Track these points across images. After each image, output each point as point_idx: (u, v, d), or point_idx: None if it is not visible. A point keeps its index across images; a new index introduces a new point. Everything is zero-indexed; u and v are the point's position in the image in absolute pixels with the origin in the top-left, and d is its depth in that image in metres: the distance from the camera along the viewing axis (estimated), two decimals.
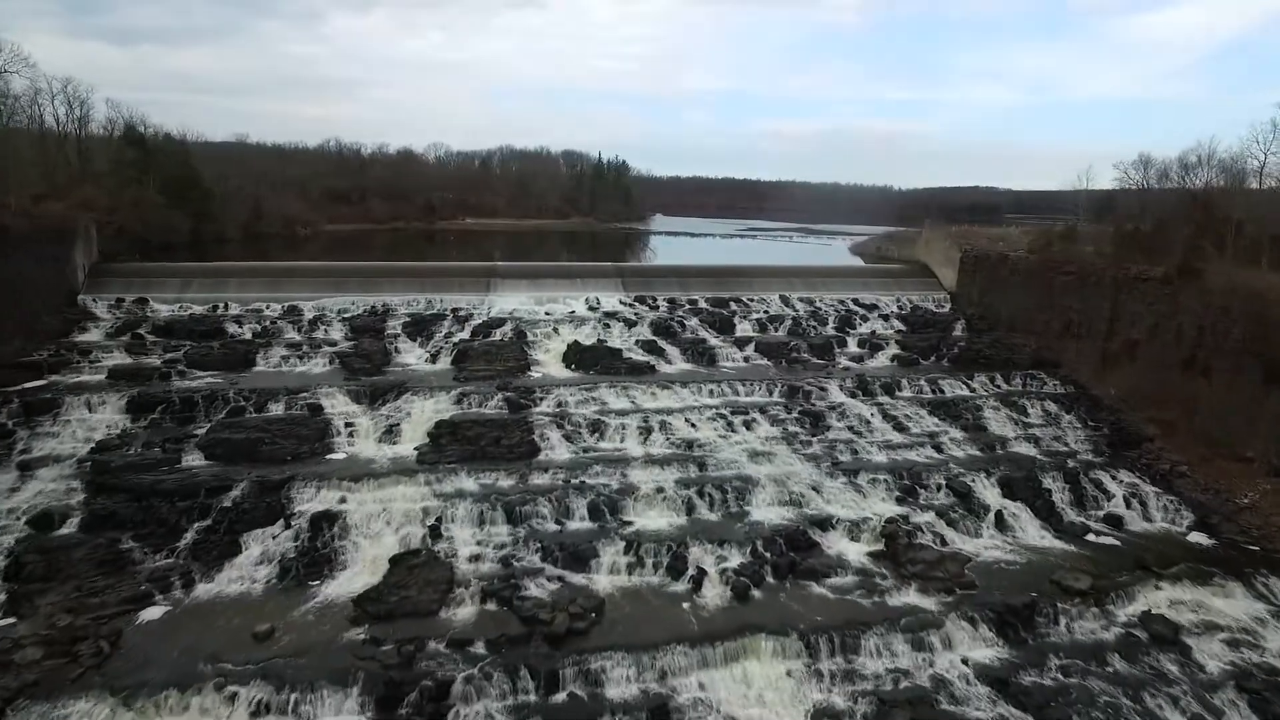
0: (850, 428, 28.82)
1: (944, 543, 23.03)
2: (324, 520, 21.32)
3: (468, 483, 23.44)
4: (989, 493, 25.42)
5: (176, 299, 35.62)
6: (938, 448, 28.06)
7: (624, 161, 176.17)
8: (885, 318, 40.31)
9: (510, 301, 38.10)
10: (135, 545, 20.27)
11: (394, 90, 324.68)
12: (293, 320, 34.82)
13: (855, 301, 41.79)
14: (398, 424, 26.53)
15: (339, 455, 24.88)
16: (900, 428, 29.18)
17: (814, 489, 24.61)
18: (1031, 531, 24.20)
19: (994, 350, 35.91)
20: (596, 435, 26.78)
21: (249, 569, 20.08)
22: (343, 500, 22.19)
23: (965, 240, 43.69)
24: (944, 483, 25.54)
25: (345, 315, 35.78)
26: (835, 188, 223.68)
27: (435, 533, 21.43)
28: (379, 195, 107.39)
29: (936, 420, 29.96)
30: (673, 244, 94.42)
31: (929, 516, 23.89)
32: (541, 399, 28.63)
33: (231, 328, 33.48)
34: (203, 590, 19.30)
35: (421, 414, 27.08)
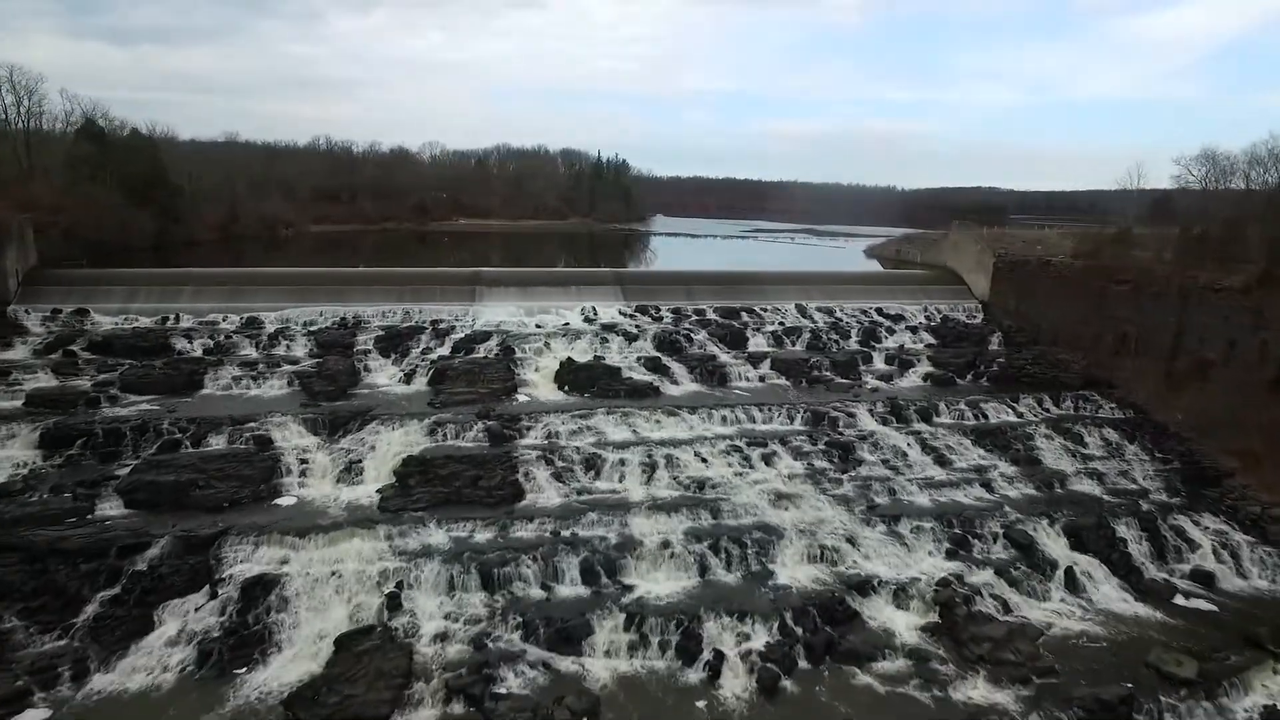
0: (885, 461, 24.98)
1: (1007, 609, 19.20)
2: (259, 587, 17.47)
3: (437, 536, 19.59)
4: (1054, 544, 21.58)
5: (121, 310, 31.78)
6: (987, 485, 24.21)
7: (624, 161, 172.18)
8: (913, 330, 36.45)
9: (497, 312, 34.21)
10: (20, 624, 16.40)
11: (394, 91, 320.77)
12: (251, 334, 30.95)
13: (879, 311, 37.90)
14: (360, 460, 22.70)
15: (287, 500, 21.02)
16: (942, 461, 25.34)
17: (849, 541, 20.78)
18: (1109, 593, 20.34)
19: (1038, 368, 32.06)
20: (592, 473, 22.93)
21: (160, 653, 16.22)
22: (284, 561, 18.33)
23: (998, 243, 39.81)
24: (1001, 531, 21.70)
25: (311, 328, 31.91)
26: (837, 188, 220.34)
27: (394, 603, 17.59)
28: (370, 195, 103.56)
29: (982, 451, 26.12)
30: (675, 246, 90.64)
31: (987, 575, 20.05)
32: (529, 429, 24.78)
33: (180, 343, 29.62)
34: (98, 684, 15.45)
35: (388, 448, 23.24)
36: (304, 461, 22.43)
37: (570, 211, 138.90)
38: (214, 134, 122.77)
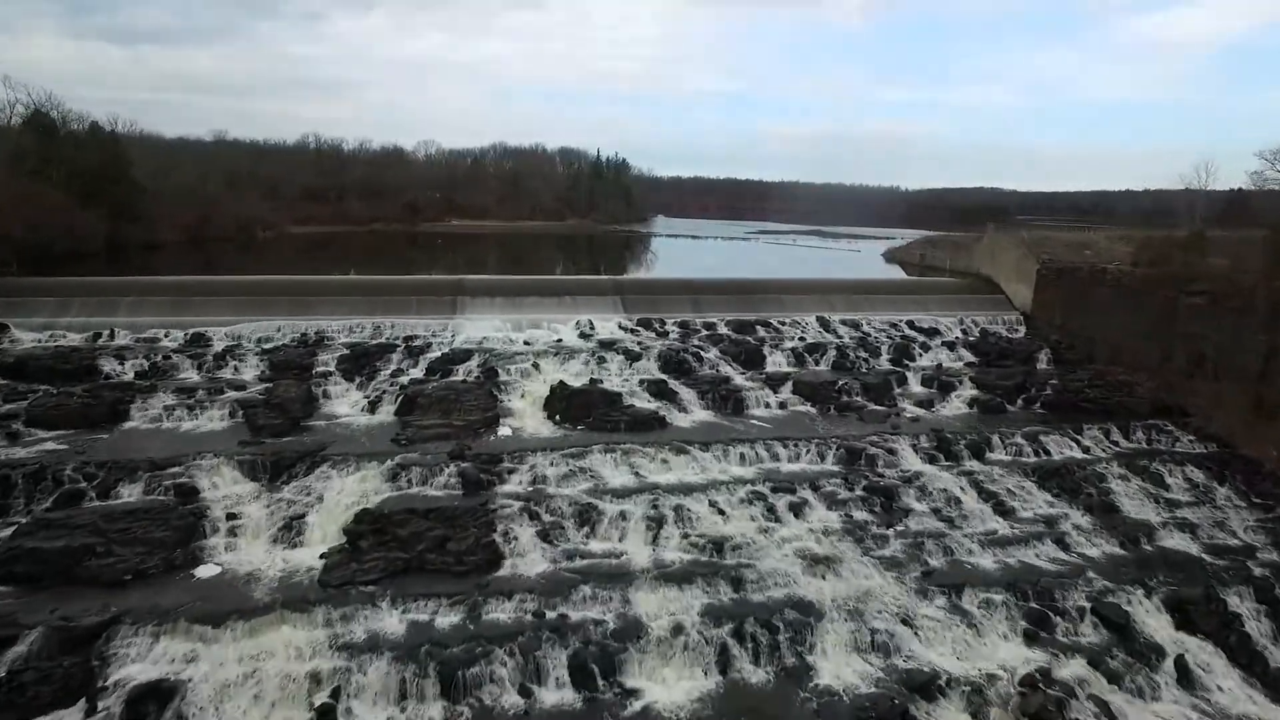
0: (936, 511, 20.94)
1: (1110, 715, 15.16)
2: (152, 699, 13.48)
3: (390, 621, 15.55)
4: (1156, 623, 17.58)
5: (47, 325, 27.77)
6: (1061, 541, 20.17)
7: (624, 160, 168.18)
8: (950, 346, 32.40)
9: (481, 327, 30.18)
10: None
11: (394, 91, 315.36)
12: (195, 353, 26.88)
13: (910, 324, 33.89)
14: (303, 515, 18.65)
15: (207, 570, 16.95)
16: (1003, 509, 21.31)
17: (904, 622, 16.77)
18: (1233, 690, 16.33)
19: (1097, 391, 28.00)
20: (586, 530, 18.90)
21: None
22: (191, 658, 14.32)
23: (1040, 248, 35.77)
24: (1088, 606, 17.70)
25: (266, 346, 27.89)
26: (840, 188, 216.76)
27: (327, 718, 13.58)
28: (358, 194, 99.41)
29: (1049, 497, 22.11)
30: (678, 249, 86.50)
31: (1079, 668, 16.05)
32: (511, 472, 20.73)
33: (109, 365, 25.55)
34: None
35: (339, 499, 19.19)
36: (234, 517, 18.41)
37: (568, 212, 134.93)
38: (201, 133, 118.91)
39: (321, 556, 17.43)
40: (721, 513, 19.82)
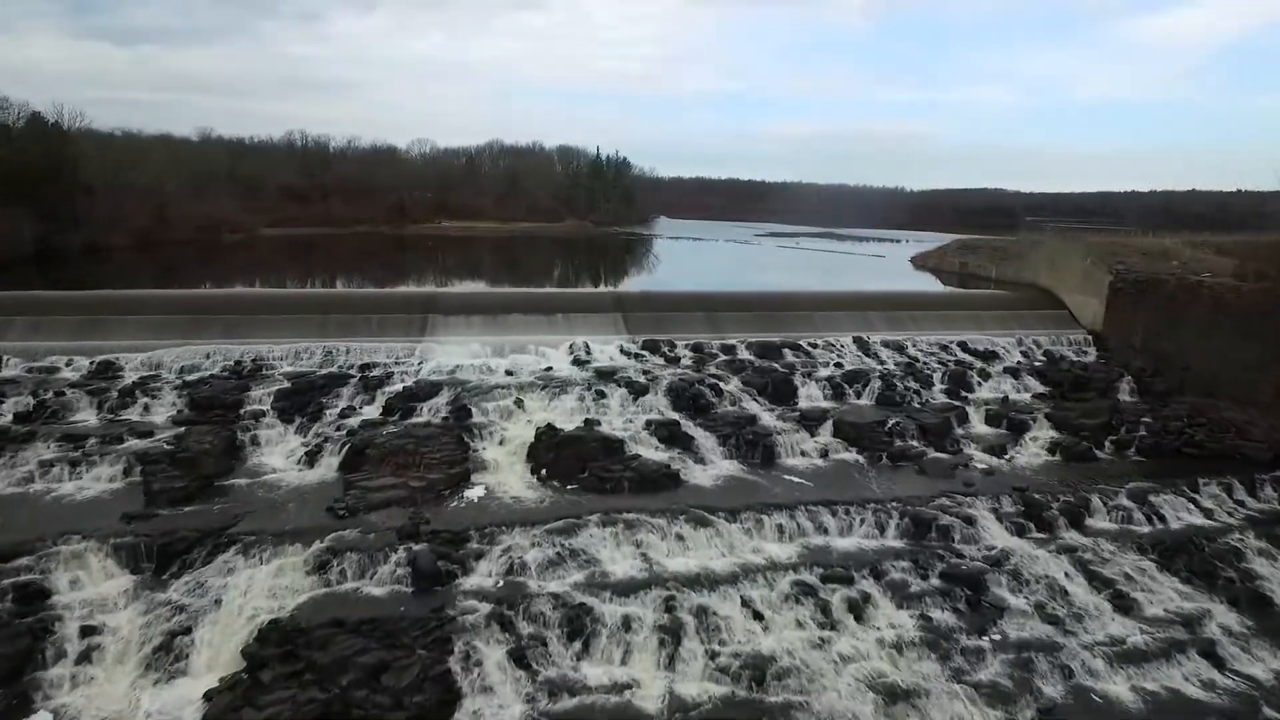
0: (1040, 607, 15.93)
1: None
2: None
3: None
4: None
5: None
6: (1210, 655, 15.14)
7: (625, 159, 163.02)
8: (1014, 373, 27.32)
9: (454, 352, 25.14)
10: None
11: (394, 91, 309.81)
12: (98, 388, 21.81)
13: (963, 346, 28.86)
14: (189, 629, 13.62)
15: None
16: (1124, 604, 16.29)
17: None
18: None
19: (1202, 431, 23.04)
20: (577, 647, 13.88)
21: None
22: None
23: (1114, 257, 30.74)
24: None
25: (189, 378, 22.84)
26: (843, 189, 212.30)
27: None
28: (344, 194, 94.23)
29: (1178, 584, 17.12)
30: (683, 254, 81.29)
31: None
32: (480, 556, 15.70)
33: None
34: None
35: (242, 602, 14.15)
36: (92, 631, 13.41)
37: (567, 213, 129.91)
38: (187, 131, 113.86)
39: (206, 696, 12.42)
40: (759, 617, 14.83)
